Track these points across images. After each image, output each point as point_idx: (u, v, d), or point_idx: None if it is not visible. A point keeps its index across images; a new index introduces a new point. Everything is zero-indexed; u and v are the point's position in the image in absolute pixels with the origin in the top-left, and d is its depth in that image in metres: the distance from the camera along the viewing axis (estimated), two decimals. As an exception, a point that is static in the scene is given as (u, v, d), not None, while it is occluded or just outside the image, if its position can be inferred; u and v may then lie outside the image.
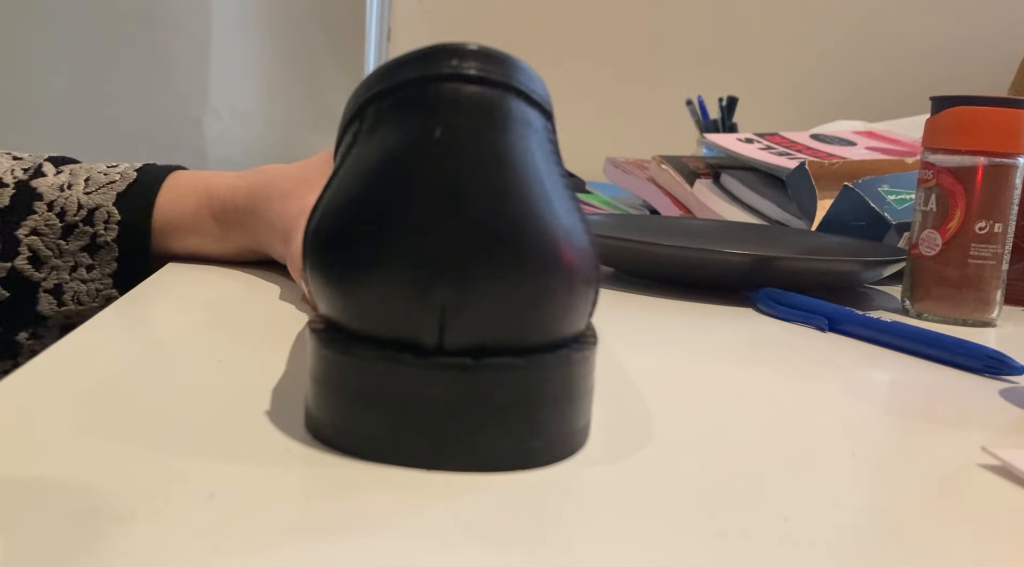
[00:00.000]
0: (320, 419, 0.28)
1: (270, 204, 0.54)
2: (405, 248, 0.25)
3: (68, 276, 0.55)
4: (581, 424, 0.29)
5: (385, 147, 0.27)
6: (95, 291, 0.55)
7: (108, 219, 0.55)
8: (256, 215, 0.55)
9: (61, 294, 0.55)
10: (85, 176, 0.57)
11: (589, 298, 0.28)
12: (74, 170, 0.57)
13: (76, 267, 0.55)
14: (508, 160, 0.26)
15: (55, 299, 0.55)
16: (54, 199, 0.55)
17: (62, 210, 0.55)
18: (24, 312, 0.55)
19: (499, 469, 0.26)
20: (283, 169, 0.56)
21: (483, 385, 0.26)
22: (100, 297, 0.55)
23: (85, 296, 0.55)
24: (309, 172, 0.55)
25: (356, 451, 0.27)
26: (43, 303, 0.55)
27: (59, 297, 0.55)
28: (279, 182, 0.55)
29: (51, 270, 0.55)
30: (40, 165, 0.57)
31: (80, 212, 0.55)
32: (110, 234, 0.55)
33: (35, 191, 0.55)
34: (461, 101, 0.26)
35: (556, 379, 0.27)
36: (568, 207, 0.28)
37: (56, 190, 0.55)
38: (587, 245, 0.28)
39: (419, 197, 0.25)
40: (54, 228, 0.55)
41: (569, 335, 0.28)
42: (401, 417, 0.26)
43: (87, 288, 0.55)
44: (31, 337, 0.56)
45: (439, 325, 0.25)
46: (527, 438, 0.26)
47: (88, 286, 0.55)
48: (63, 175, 0.57)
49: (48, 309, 0.55)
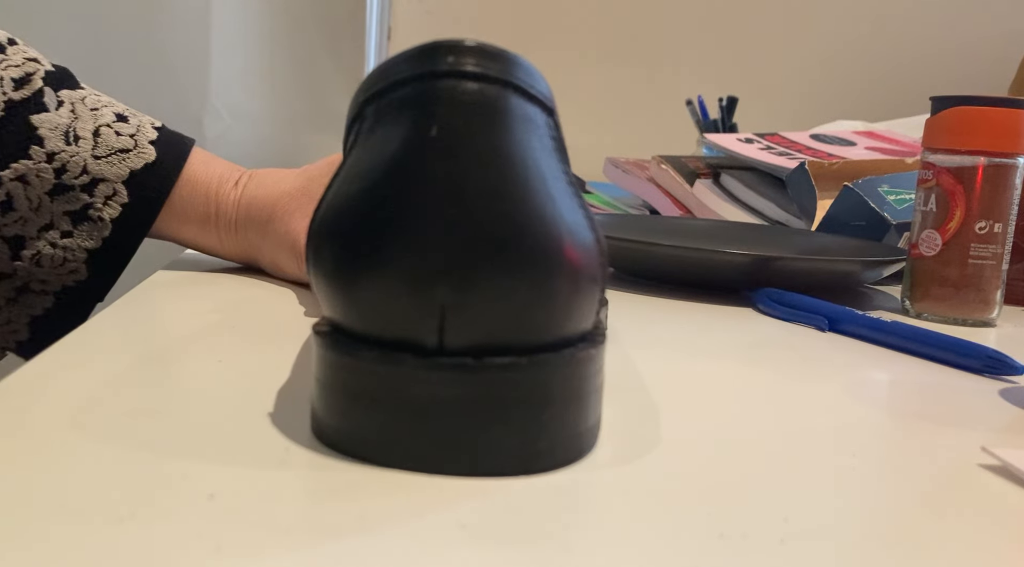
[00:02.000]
0: (324, 421, 0.27)
1: (273, 225, 0.52)
2: (403, 248, 0.25)
3: (34, 231, 0.48)
4: (589, 425, 0.28)
5: (383, 147, 0.26)
6: (61, 259, 0.49)
7: (112, 195, 0.49)
8: (258, 233, 0.53)
9: (20, 248, 0.48)
10: (93, 126, 0.50)
11: (594, 296, 0.27)
12: (77, 108, 0.50)
13: (48, 227, 0.48)
14: (507, 158, 0.25)
15: (9, 249, 0.48)
16: (56, 152, 0.48)
17: (62, 167, 0.48)
18: None
19: (504, 472, 0.26)
20: (283, 184, 0.53)
21: (484, 385, 0.25)
22: (64, 268, 0.49)
23: (46, 259, 0.48)
24: (311, 183, 0.53)
25: (358, 453, 0.26)
26: None
27: (17, 250, 0.48)
28: (282, 201, 0.52)
29: (18, 220, 0.48)
30: (39, 90, 0.49)
31: (82, 177, 0.48)
32: (109, 211, 0.50)
33: (35, 131, 0.48)
34: (458, 98, 0.26)
35: (561, 378, 0.26)
36: (571, 204, 0.27)
37: (60, 139, 0.48)
38: (591, 242, 0.27)
39: (416, 196, 0.25)
40: (45, 181, 0.48)
41: (574, 334, 0.27)
42: (403, 419, 0.25)
43: (53, 253, 0.48)
44: None
45: (439, 325, 0.25)
46: (532, 439, 0.26)
47: (55, 251, 0.48)
48: (64, 109, 0.50)
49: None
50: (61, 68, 0.53)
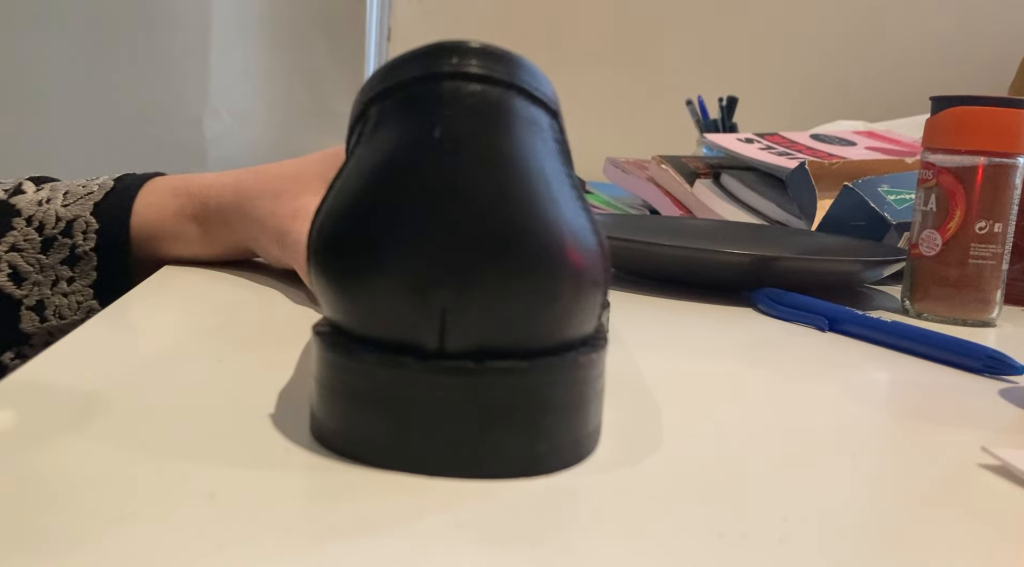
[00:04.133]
0: (323, 422, 0.27)
1: (259, 203, 0.53)
2: (404, 250, 0.25)
3: (50, 291, 0.54)
4: (589, 429, 0.28)
5: (386, 147, 0.26)
6: (76, 304, 0.54)
7: (86, 229, 0.54)
8: (243, 213, 0.54)
9: (43, 310, 0.54)
10: (64, 190, 0.56)
11: (596, 300, 0.27)
12: (55, 186, 0.57)
13: (57, 281, 0.54)
14: (510, 160, 0.25)
15: (37, 315, 0.54)
16: (32, 213, 0.54)
17: (40, 224, 0.54)
18: (7, 331, 0.54)
19: (503, 475, 0.26)
20: (276, 168, 0.55)
21: (484, 388, 0.25)
22: (81, 310, 0.55)
23: (67, 310, 0.54)
24: (305, 170, 0.54)
25: (358, 455, 0.26)
26: (25, 321, 0.54)
27: (41, 313, 0.54)
28: (271, 182, 0.54)
29: (33, 286, 0.54)
30: (20, 184, 0.57)
31: (59, 224, 0.54)
32: (88, 243, 0.54)
33: (13, 208, 0.55)
34: (462, 100, 0.26)
35: (561, 383, 0.26)
36: (575, 207, 0.27)
37: (35, 205, 0.55)
38: (594, 246, 0.27)
39: (419, 198, 0.25)
40: (33, 243, 0.54)
41: (576, 338, 0.27)
42: (402, 421, 0.25)
43: (68, 302, 0.54)
44: (16, 357, 0.55)
45: (440, 328, 0.25)
46: (532, 443, 0.26)
47: (69, 299, 0.54)
48: (43, 192, 0.56)
49: (31, 326, 0.54)
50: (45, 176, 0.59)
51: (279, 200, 0.52)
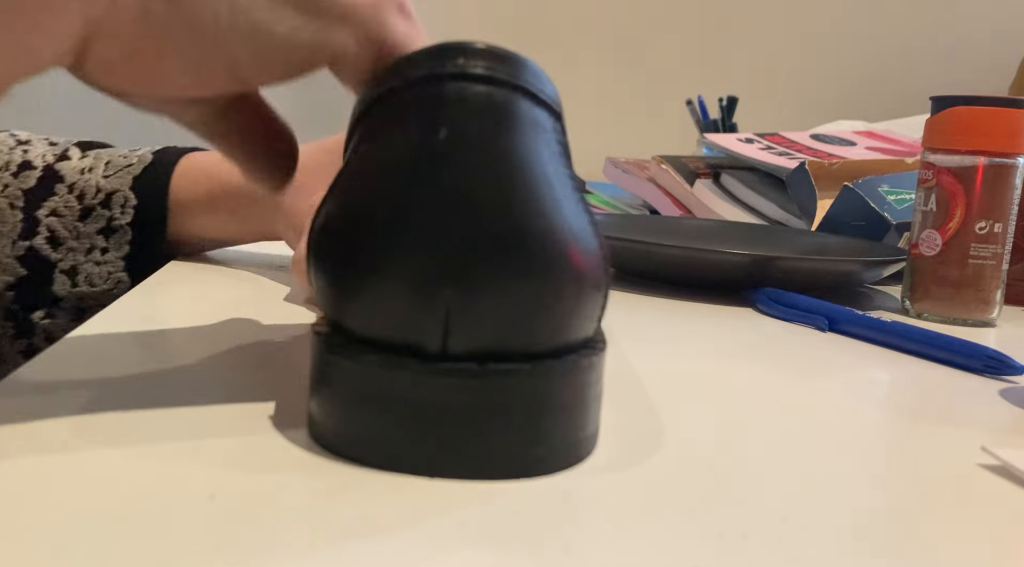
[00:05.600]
0: (322, 424, 0.27)
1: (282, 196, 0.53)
2: (409, 251, 0.25)
3: (83, 258, 0.56)
4: (589, 431, 0.28)
5: (390, 147, 0.26)
6: (107, 274, 0.56)
7: (125, 203, 0.56)
8: (268, 204, 0.55)
9: (75, 275, 0.56)
10: (106, 159, 0.58)
11: (598, 303, 0.27)
12: (98, 154, 0.58)
13: (91, 249, 0.56)
14: (515, 161, 0.25)
15: (69, 280, 0.56)
16: (75, 181, 0.56)
17: (82, 192, 0.56)
18: (40, 292, 0.56)
19: (503, 476, 0.26)
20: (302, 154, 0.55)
21: (486, 391, 0.25)
22: (111, 280, 0.56)
23: (97, 278, 0.56)
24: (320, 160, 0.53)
25: (358, 456, 0.26)
26: (58, 284, 0.56)
27: (73, 278, 0.56)
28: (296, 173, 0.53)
29: (68, 251, 0.56)
30: (67, 149, 0.59)
31: (98, 195, 0.56)
32: (125, 218, 0.56)
33: (58, 173, 0.57)
34: (467, 100, 0.25)
35: (562, 386, 0.26)
36: (576, 209, 0.27)
37: (77, 173, 0.57)
38: (596, 248, 0.27)
39: (423, 199, 0.25)
40: (73, 210, 0.56)
41: (577, 340, 0.27)
42: (404, 423, 0.25)
43: (100, 271, 0.56)
44: (45, 317, 0.56)
45: (443, 330, 0.25)
46: (532, 445, 0.26)
47: (101, 268, 0.56)
48: (87, 159, 0.58)
49: (62, 290, 0.56)
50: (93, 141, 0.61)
51: (298, 193, 0.52)
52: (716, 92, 1.22)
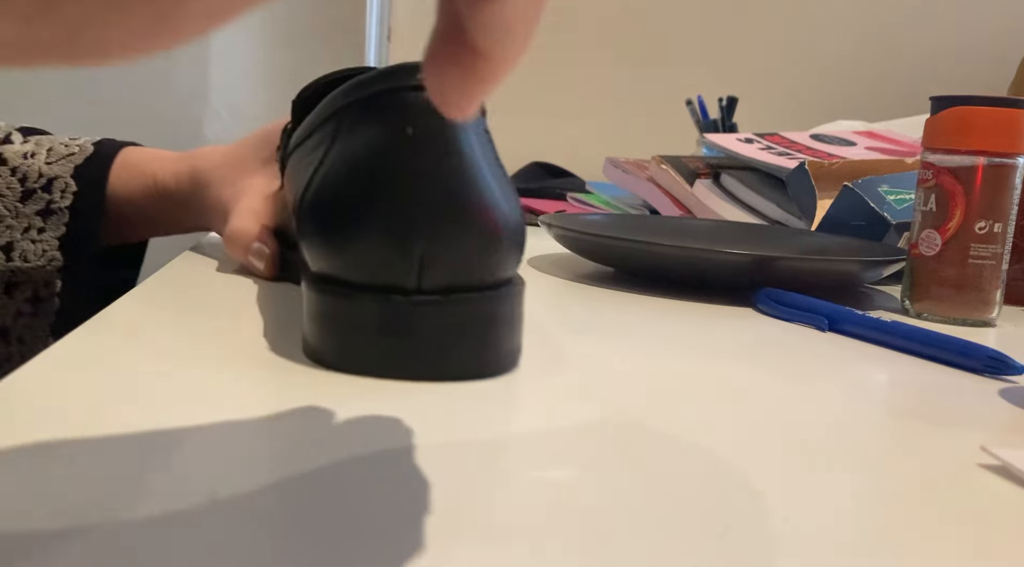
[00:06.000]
0: (320, 349, 0.36)
1: (210, 191, 0.60)
2: (389, 214, 0.34)
3: (20, 236, 0.59)
4: (515, 344, 0.38)
5: (368, 140, 0.35)
6: (41, 251, 0.60)
7: (65, 189, 0.60)
8: (200, 199, 0.61)
9: (11, 251, 0.59)
10: (48, 146, 0.61)
11: (520, 252, 0.37)
12: (39, 141, 0.62)
13: (29, 228, 0.59)
14: (463, 151, 0.34)
15: (4, 255, 0.59)
16: (17, 165, 0.60)
17: (24, 176, 0.60)
18: None
19: (463, 377, 0.35)
20: (219, 154, 0.62)
21: (451, 314, 0.35)
22: (45, 257, 0.60)
23: (32, 255, 0.60)
24: (246, 154, 0.61)
25: (353, 370, 0.35)
26: None
27: (8, 253, 0.59)
28: (219, 170, 0.61)
29: (6, 228, 0.59)
30: (9, 134, 0.62)
31: (40, 180, 0.60)
32: (65, 201, 0.60)
33: (1, 156, 0.60)
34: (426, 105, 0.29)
35: (503, 308, 0.36)
36: (502, 183, 0.36)
37: (20, 157, 0.60)
38: (517, 214, 0.36)
39: (398, 177, 0.34)
40: (15, 191, 0.59)
41: (507, 278, 0.37)
42: (389, 341, 0.34)
43: (35, 248, 0.59)
44: None
45: (418, 273, 0.34)
46: (482, 352, 0.36)
47: (36, 246, 0.59)
48: (28, 144, 0.61)
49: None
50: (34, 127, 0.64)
51: (224, 187, 0.59)
52: (716, 92, 1.22)
